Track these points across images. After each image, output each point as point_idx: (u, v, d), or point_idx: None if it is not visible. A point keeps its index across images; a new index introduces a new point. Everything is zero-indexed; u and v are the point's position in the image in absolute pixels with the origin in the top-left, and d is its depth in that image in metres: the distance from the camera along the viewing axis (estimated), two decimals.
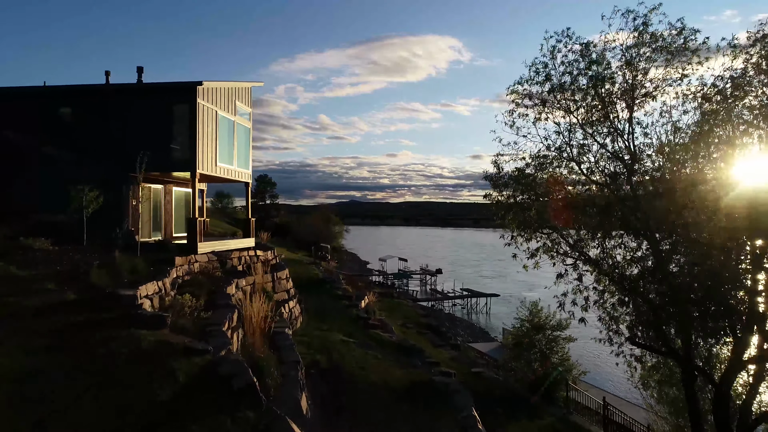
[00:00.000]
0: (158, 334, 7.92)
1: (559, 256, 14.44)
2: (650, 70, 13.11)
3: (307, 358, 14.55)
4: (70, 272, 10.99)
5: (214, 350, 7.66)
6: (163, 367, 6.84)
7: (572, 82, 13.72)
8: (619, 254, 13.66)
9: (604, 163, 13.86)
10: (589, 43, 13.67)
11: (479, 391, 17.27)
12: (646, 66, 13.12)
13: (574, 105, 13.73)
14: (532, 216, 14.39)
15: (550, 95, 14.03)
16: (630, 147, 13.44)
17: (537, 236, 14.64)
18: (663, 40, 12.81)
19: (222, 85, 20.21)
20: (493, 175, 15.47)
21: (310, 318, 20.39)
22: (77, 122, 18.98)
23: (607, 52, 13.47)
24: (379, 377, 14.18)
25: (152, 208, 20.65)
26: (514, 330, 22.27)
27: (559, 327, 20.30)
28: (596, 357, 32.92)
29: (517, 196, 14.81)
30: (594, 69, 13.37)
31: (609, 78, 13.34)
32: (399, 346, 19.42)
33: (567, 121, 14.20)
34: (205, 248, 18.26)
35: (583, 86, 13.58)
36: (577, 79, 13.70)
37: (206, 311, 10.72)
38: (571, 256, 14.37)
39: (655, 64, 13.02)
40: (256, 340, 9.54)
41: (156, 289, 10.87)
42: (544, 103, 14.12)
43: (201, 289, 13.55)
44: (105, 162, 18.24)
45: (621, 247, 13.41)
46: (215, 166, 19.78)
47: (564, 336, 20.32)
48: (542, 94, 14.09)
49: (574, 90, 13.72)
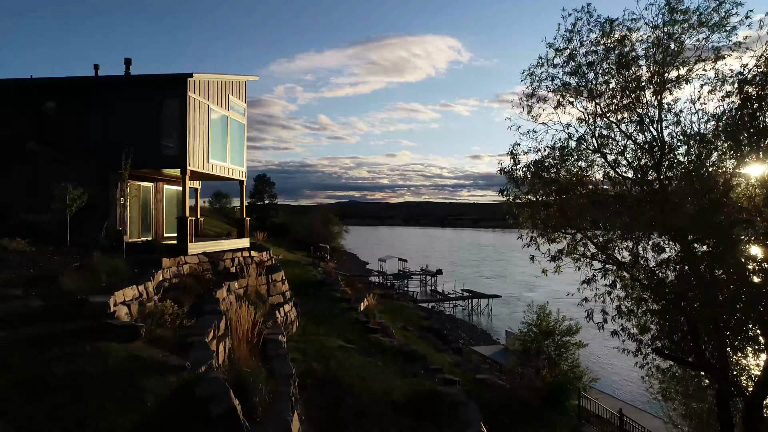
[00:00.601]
0: (130, 347, 6.97)
1: (585, 260, 13.10)
2: (683, 50, 11.83)
3: (302, 366, 13.63)
4: (42, 276, 10.04)
5: (192, 366, 6.72)
6: (131, 389, 5.90)
7: (599, 62, 12.44)
8: (652, 258, 12.30)
9: (631, 156, 12.59)
10: (613, 20, 12.37)
11: (485, 399, 16.35)
12: (677, 46, 11.82)
13: (599, 89, 12.47)
14: (554, 214, 13.00)
15: (573, 77, 12.75)
16: (659, 137, 12.16)
17: (559, 237, 13.31)
18: (698, 15, 11.52)
19: (214, 78, 19.26)
20: (509, 168, 13.85)
21: (307, 322, 19.46)
22: (62, 117, 18.04)
23: (632, 32, 12.23)
24: (380, 388, 13.25)
25: (141, 207, 19.72)
26: (521, 335, 21.33)
27: (568, 332, 19.35)
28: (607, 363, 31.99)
29: (537, 190, 13.37)
30: (620, 49, 12.17)
31: (635, 60, 12.10)
32: (400, 351, 18.50)
33: (591, 107, 12.91)
34: (195, 249, 17.33)
35: (608, 68, 12.34)
36: (604, 60, 12.43)
37: (191, 318, 9.78)
38: (598, 260, 13.02)
39: (690, 42, 11.78)
40: (242, 352, 8.61)
41: (136, 294, 9.91)
42: (565, 87, 12.81)
43: (188, 293, 12.63)
44: (91, 158, 17.33)
45: (657, 250, 12.03)
46: (207, 163, 18.84)
47: (574, 341, 19.37)
48: (563, 77, 12.81)
49: (598, 73, 12.50)
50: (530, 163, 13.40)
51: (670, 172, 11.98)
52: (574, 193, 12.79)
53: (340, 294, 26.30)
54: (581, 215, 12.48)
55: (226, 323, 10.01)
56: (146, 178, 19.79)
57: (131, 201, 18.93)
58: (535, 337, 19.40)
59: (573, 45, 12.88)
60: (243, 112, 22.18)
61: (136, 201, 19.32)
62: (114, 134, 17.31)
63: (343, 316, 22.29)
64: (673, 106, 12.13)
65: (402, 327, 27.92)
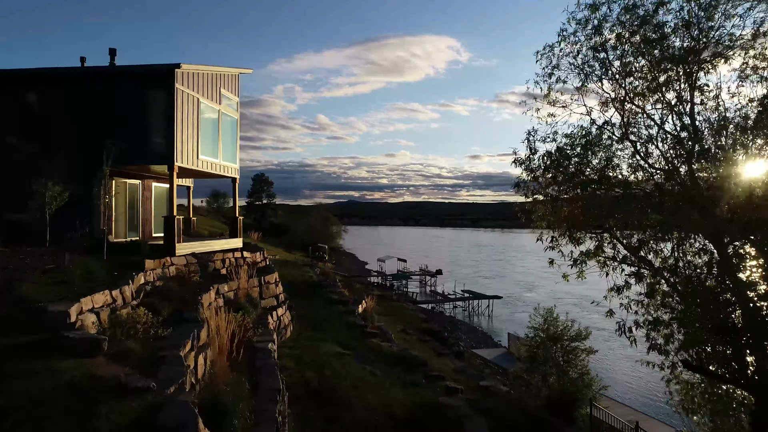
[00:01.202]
0: (87, 365, 6.01)
1: (613, 263, 11.68)
2: (724, 23, 10.53)
3: (295, 376, 12.70)
4: (5, 280, 9.09)
5: (159, 386, 5.77)
6: (79, 419, 4.95)
7: (630, 35, 11.01)
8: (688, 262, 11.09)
9: (662, 145, 11.25)
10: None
11: (489, 409, 15.42)
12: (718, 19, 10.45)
13: (628, 69, 11.14)
14: (578, 211, 11.53)
15: (600, 53, 11.30)
16: (690, 124, 10.86)
17: (583, 237, 11.89)
18: None
19: (205, 69, 18.32)
20: (526, 159, 12.16)
21: (302, 326, 18.52)
22: (44, 110, 17.10)
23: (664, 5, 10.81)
24: (378, 400, 12.32)
25: (128, 205, 18.78)
26: (527, 339, 20.35)
27: (578, 337, 18.41)
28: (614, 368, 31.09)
29: (562, 182, 11.74)
30: (651, 22, 10.76)
31: (666, 36, 10.72)
32: (400, 357, 17.56)
33: (615, 93, 11.62)
34: (183, 250, 16.41)
35: (638, 43, 10.94)
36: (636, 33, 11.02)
37: (168, 327, 8.84)
38: (630, 263, 11.61)
39: (733, 13, 10.37)
40: (222, 367, 7.67)
41: (108, 300, 8.96)
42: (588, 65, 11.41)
43: (172, 297, 11.68)
44: (74, 154, 16.42)
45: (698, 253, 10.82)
46: (197, 159, 17.90)
47: (583, 347, 18.43)
48: (587, 53, 11.42)
49: (625, 51, 11.14)
50: (551, 151, 11.80)
51: (699, 164, 10.65)
52: (601, 186, 11.38)
53: (337, 296, 25.37)
54: (609, 212, 11.17)
55: (209, 332, 9.08)
56: (134, 176, 18.84)
57: (117, 199, 18.01)
58: (542, 343, 18.48)
59: (601, 12, 11.35)
60: (236, 106, 21.24)
61: (122, 199, 18.39)
62: (98, 129, 16.38)
63: (340, 320, 21.34)
64: (707, 90, 10.81)
65: (401, 330, 26.98)
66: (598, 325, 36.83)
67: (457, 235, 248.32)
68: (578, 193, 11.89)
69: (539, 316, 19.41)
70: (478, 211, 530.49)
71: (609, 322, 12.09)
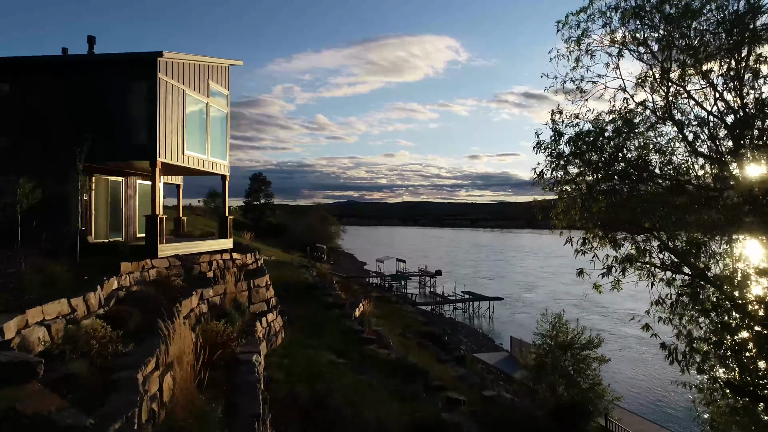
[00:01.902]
0: (12, 396, 4.89)
1: (660, 273, 10.09)
2: None
3: (284, 389, 11.60)
4: None
5: (98, 424, 4.66)
6: None
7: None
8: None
9: (708, 131, 9.67)
10: None
11: (495, 422, 14.38)
12: None
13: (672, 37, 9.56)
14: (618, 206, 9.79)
15: (642, 19, 9.71)
16: (740, 106, 9.31)
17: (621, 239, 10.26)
18: None
19: (191, 59, 17.20)
20: (551, 143, 10.57)
21: (295, 332, 17.39)
22: (16, 101, 15.96)
23: None
24: (374, 415, 11.23)
25: (110, 204, 17.64)
26: (534, 347, 19.24)
27: (589, 345, 17.31)
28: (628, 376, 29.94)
29: (599, 169, 10.00)
30: None
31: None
32: (398, 366, 16.47)
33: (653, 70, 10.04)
34: (167, 251, 15.32)
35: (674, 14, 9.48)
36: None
37: (134, 341, 7.73)
38: (681, 272, 10.03)
39: None
40: (187, 392, 6.54)
41: (64, 310, 7.84)
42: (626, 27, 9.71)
43: (147, 304, 10.58)
44: (48, 149, 15.31)
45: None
46: (182, 155, 16.79)
47: (595, 355, 17.32)
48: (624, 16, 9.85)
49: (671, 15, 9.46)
50: (584, 132, 10.06)
51: (752, 153, 9.19)
52: (641, 177, 9.80)
53: (333, 299, 24.31)
54: (653, 210, 9.39)
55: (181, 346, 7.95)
56: (116, 172, 17.72)
57: (98, 197, 16.91)
58: (551, 350, 17.39)
59: None
60: (226, 100, 20.13)
61: (103, 197, 17.26)
62: (75, 121, 15.28)
63: (336, 325, 20.27)
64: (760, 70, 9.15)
65: (400, 333, 25.91)
66: (598, 326, 35.79)
67: (456, 235, 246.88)
68: (615, 185, 10.38)
69: (547, 323, 18.30)
70: (477, 211, 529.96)
71: (609, 322, 10.95)
